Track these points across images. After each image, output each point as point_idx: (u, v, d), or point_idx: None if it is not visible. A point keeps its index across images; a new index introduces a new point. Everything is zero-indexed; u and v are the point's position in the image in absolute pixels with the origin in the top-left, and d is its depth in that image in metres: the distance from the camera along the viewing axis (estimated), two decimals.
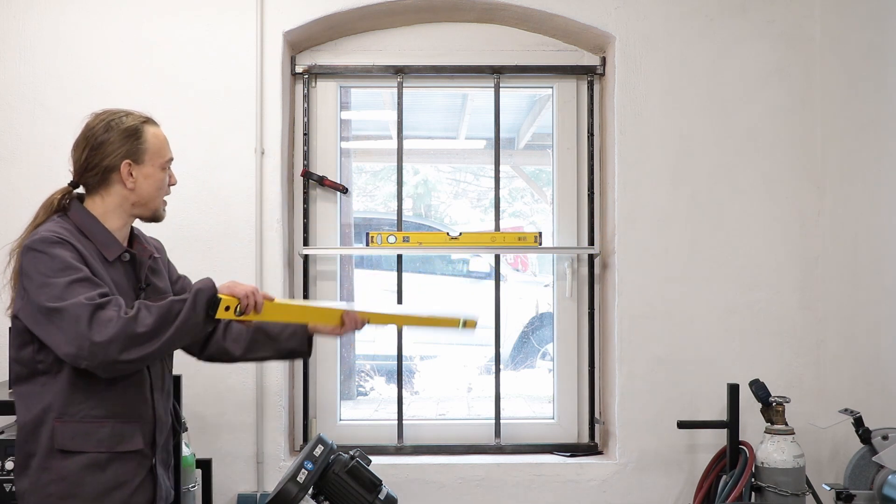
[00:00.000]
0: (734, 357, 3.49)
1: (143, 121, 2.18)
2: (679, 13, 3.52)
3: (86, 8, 3.45)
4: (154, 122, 2.22)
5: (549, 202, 3.86)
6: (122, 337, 1.91)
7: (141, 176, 2.14)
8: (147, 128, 2.17)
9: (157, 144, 2.17)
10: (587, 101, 3.72)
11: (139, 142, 2.14)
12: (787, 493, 3.03)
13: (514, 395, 4.29)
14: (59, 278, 1.96)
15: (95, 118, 2.16)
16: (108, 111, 2.18)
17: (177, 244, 3.43)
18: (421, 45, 3.71)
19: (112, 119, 2.14)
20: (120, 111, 2.18)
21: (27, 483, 2.03)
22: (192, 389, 3.28)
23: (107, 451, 2.05)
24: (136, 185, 2.14)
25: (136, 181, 2.13)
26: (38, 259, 1.98)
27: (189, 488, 3.04)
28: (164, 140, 2.21)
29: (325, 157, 3.72)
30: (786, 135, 3.53)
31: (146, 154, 2.14)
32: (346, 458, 2.63)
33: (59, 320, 1.93)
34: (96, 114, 2.18)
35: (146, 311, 1.96)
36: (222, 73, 3.46)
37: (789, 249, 3.52)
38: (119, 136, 2.12)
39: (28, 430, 2.04)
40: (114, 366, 1.94)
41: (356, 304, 2.39)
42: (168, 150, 2.21)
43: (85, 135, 2.14)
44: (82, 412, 2.03)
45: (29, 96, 3.43)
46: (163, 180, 2.19)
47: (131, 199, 2.15)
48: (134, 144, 2.13)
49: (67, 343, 1.93)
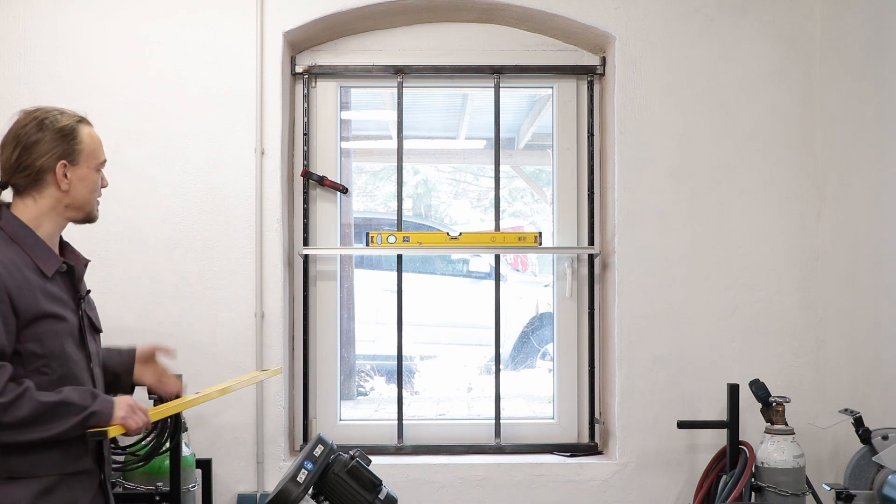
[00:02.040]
0: (734, 357, 3.49)
1: (77, 120, 2.09)
2: (679, 13, 3.52)
3: (86, 8, 3.45)
4: (88, 122, 2.13)
5: (549, 202, 3.86)
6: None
7: (76, 178, 2.05)
8: (82, 128, 2.09)
9: (92, 145, 2.09)
10: (587, 101, 3.72)
11: (75, 142, 2.05)
12: (787, 493, 3.03)
13: (514, 395, 4.29)
14: None
15: (27, 116, 2.06)
16: (40, 109, 2.08)
17: (177, 244, 3.45)
18: (421, 45, 3.71)
19: (46, 117, 2.05)
20: (53, 109, 2.08)
21: None
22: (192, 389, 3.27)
23: (58, 474, 1.98)
24: (71, 188, 2.05)
25: (70, 183, 2.04)
26: None
27: (189, 488, 3.04)
28: (99, 141, 2.13)
29: (325, 157, 3.72)
30: (786, 135, 3.53)
31: (81, 155, 2.06)
32: (346, 458, 2.63)
33: None
34: (27, 111, 2.07)
35: (27, 401, 1.87)
36: (222, 73, 3.46)
37: (789, 249, 3.52)
38: (54, 135, 2.03)
39: None
40: None
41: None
42: (102, 152, 2.13)
43: (16, 132, 2.03)
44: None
45: (29, 96, 3.42)
46: (97, 182, 2.11)
47: (65, 201, 2.06)
48: (70, 145, 2.04)
49: None
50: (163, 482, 2.96)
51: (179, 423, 2.79)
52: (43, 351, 1.97)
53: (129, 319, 3.38)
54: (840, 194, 3.39)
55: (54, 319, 1.99)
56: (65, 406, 1.91)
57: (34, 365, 1.96)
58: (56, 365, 1.99)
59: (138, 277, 3.41)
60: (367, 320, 4.15)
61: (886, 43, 3.08)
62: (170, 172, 3.44)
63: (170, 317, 3.42)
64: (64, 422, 1.91)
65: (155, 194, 3.44)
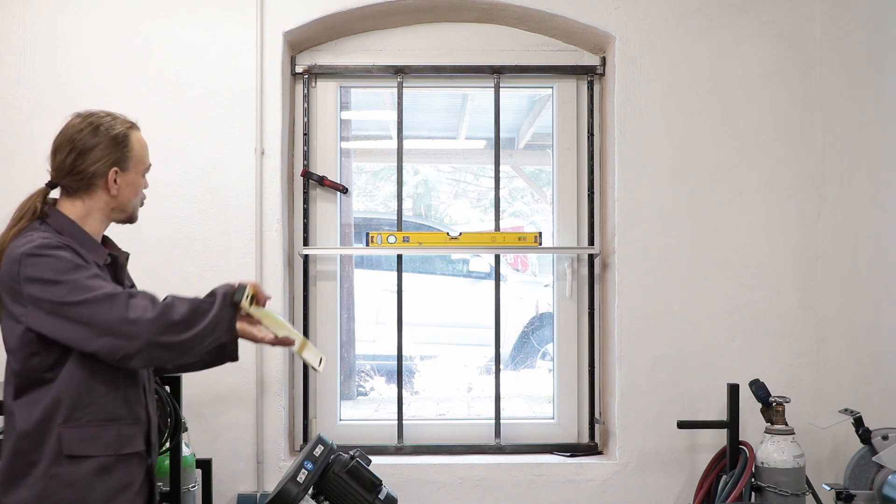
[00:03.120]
0: (734, 357, 3.49)
1: (129, 126, 2.15)
2: (679, 13, 3.52)
3: (86, 8, 3.45)
4: (137, 127, 2.19)
5: (549, 202, 3.86)
6: (159, 322, 1.93)
7: (124, 183, 2.12)
8: (133, 134, 2.15)
9: (140, 151, 2.16)
10: (587, 101, 3.72)
11: (126, 149, 2.12)
12: (787, 493, 3.03)
13: (514, 395, 4.29)
14: (76, 275, 1.95)
15: (82, 120, 2.10)
16: (92, 113, 2.13)
17: (177, 244, 3.45)
18: (421, 45, 3.71)
19: (101, 123, 2.10)
20: (106, 115, 2.13)
21: (30, 493, 1.97)
22: (192, 389, 3.28)
23: (114, 455, 2.04)
24: (119, 192, 2.12)
25: (119, 188, 2.11)
26: (43, 262, 1.95)
27: (189, 488, 3.04)
28: (146, 146, 2.19)
29: (325, 157, 3.72)
30: (786, 135, 3.53)
31: (132, 161, 2.13)
32: (346, 458, 2.63)
33: (88, 314, 1.93)
34: (82, 115, 2.12)
35: (179, 302, 1.99)
36: (222, 73, 3.46)
37: (789, 249, 3.52)
38: (108, 142, 2.09)
39: (30, 438, 1.98)
40: (151, 351, 1.94)
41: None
42: (148, 156, 2.21)
43: (71, 137, 2.08)
44: (88, 416, 2.01)
45: (29, 96, 3.43)
46: (142, 186, 2.19)
47: (112, 204, 2.13)
48: (123, 152, 2.11)
49: (100, 334, 1.93)
50: (163, 482, 2.95)
51: (179, 423, 2.79)
52: None
53: None
54: (840, 194, 3.39)
55: None
56: (204, 302, 2.01)
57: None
58: None
59: (138, 277, 3.33)
60: (367, 320, 4.15)
61: (886, 43, 3.08)
62: (170, 172, 3.44)
63: None
64: (212, 311, 1.99)
65: (155, 194, 3.40)
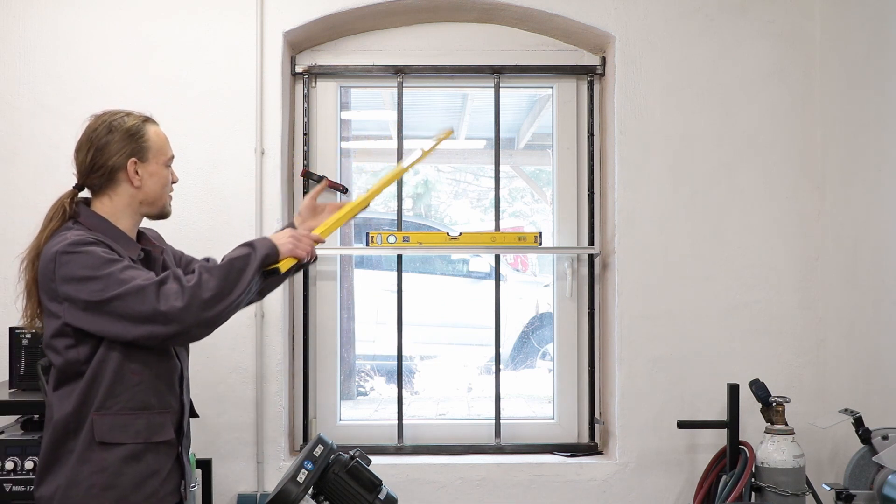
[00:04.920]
0: (734, 357, 3.49)
1: (143, 120, 2.22)
2: (679, 13, 3.52)
3: (86, 8, 3.45)
4: (154, 121, 2.25)
5: (549, 202, 3.86)
6: (192, 306, 1.99)
7: (146, 174, 2.17)
8: (148, 126, 2.21)
9: (159, 142, 2.22)
10: (587, 101, 3.72)
11: (143, 140, 2.17)
12: (787, 493, 3.03)
13: (514, 395, 4.29)
14: (108, 269, 2.00)
15: (97, 120, 2.19)
16: (108, 112, 2.20)
17: (177, 244, 3.40)
18: (421, 45, 3.71)
19: (114, 120, 2.17)
20: (120, 112, 2.21)
21: (63, 478, 2.04)
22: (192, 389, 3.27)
23: (143, 442, 2.10)
24: (143, 183, 2.17)
25: (142, 179, 2.17)
26: (76, 259, 2.01)
27: (189, 488, 3.04)
28: (165, 138, 2.25)
29: (325, 157, 3.72)
30: (786, 135, 3.53)
31: (150, 152, 2.18)
32: (346, 458, 2.63)
33: (122, 307, 1.98)
34: (97, 115, 2.20)
35: (208, 274, 2.04)
36: (222, 73, 3.46)
37: (789, 249, 3.52)
38: (122, 135, 2.15)
39: (67, 426, 2.05)
40: (192, 330, 2.03)
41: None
42: (170, 148, 2.26)
43: (88, 136, 2.16)
44: (119, 405, 2.07)
45: (29, 96, 3.43)
46: (167, 177, 2.24)
47: (139, 197, 2.18)
48: (138, 143, 2.17)
49: (137, 324, 1.99)
50: None
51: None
52: None
53: None
54: (840, 194, 3.39)
55: None
56: (238, 261, 2.08)
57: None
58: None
59: None
60: (367, 320, 4.15)
61: (886, 43, 3.08)
62: None
63: None
64: (247, 273, 2.07)
65: None
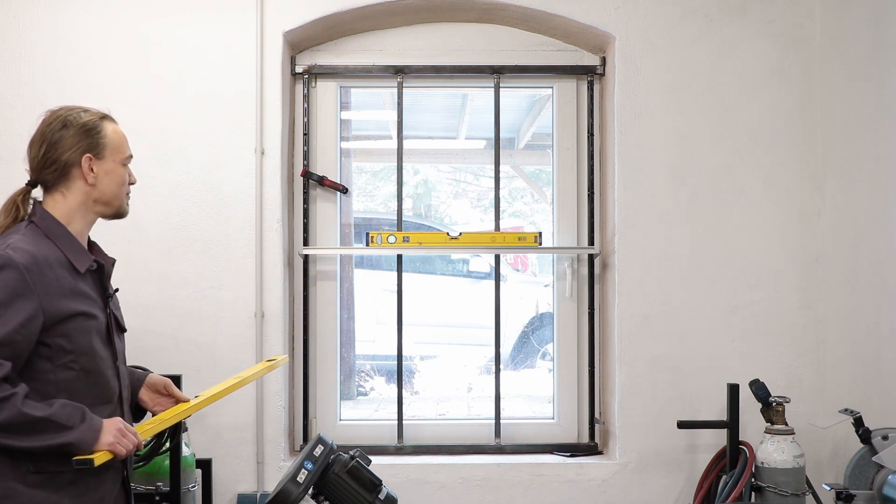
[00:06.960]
0: (734, 357, 3.49)
1: (101, 117, 2.14)
2: (679, 13, 3.52)
3: (86, 8, 3.45)
4: (112, 118, 2.17)
5: (549, 202, 3.86)
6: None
7: (102, 171, 2.09)
8: (106, 123, 2.13)
9: (116, 140, 2.14)
10: (587, 101, 3.72)
11: (99, 136, 2.10)
12: (787, 493, 3.03)
13: (514, 395, 4.29)
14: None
15: (52, 115, 2.11)
16: (64, 108, 2.13)
17: (177, 244, 3.45)
18: (421, 45, 3.71)
19: (69, 115, 2.10)
20: (77, 107, 2.13)
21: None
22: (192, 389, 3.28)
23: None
24: (98, 181, 2.09)
25: (97, 176, 2.08)
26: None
27: (189, 488, 3.04)
28: (123, 136, 2.17)
29: (325, 157, 3.72)
30: (786, 135, 3.53)
31: (106, 149, 2.10)
32: (346, 458, 2.63)
33: None
34: (52, 111, 2.12)
35: (9, 407, 1.84)
36: (222, 73, 3.46)
37: (789, 249, 3.52)
38: (77, 131, 2.07)
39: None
40: None
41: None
42: (127, 147, 2.18)
43: (42, 131, 2.08)
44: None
45: (29, 96, 3.42)
46: (123, 176, 2.15)
47: (93, 195, 2.10)
48: (94, 139, 2.09)
49: None
50: (163, 482, 2.95)
51: (179, 423, 2.79)
52: (71, 347, 1.99)
53: (129, 320, 3.28)
54: (840, 194, 3.39)
55: (84, 317, 2.03)
56: (46, 423, 1.89)
57: (62, 360, 1.99)
58: (84, 361, 2.02)
59: (138, 277, 3.41)
60: (367, 320, 4.16)
61: (886, 43, 3.08)
62: (170, 172, 3.44)
63: (170, 317, 3.42)
64: (41, 438, 1.89)
65: (155, 194, 3.44)
